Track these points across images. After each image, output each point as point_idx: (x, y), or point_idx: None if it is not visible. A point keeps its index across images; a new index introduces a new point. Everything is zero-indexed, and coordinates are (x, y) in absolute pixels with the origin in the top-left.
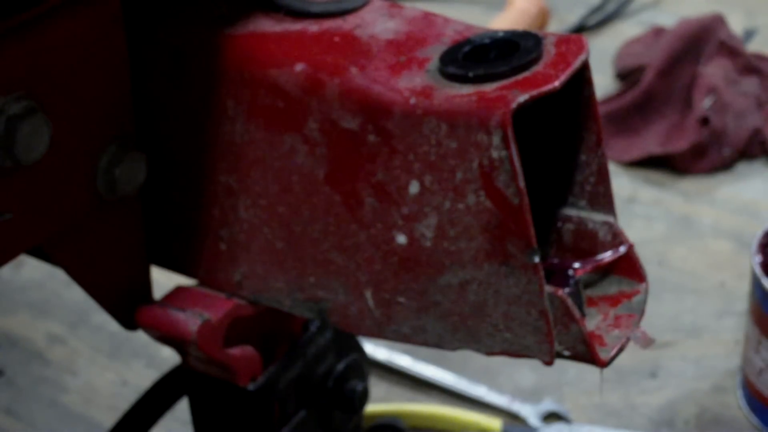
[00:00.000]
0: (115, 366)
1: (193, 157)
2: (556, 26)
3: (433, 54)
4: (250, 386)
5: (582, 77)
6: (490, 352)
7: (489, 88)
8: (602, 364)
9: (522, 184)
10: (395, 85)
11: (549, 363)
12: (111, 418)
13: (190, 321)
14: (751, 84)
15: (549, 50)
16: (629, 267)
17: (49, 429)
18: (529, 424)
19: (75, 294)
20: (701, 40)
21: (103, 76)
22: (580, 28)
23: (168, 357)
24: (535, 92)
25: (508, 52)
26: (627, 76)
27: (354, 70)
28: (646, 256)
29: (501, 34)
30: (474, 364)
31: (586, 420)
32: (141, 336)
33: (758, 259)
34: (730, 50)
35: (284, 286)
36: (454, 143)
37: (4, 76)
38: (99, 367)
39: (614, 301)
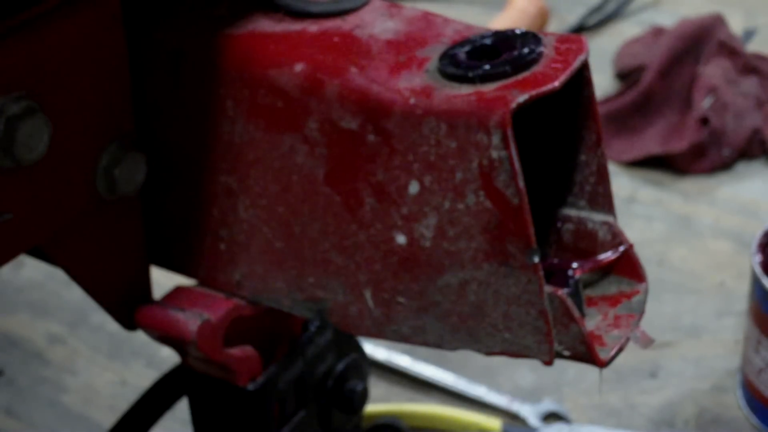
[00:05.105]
0: (114, 366)
1: (192, 157)
2: (556, 26)
3: (433, 54)
4: (250, 386)
5: (582, 77)
6: (489, 352)
7: (488, 88)
8: (602, 364)
9: (521, 184)
10: (395, 85)
11: (549, 363)
12: (111, 418)
13: (190, 321)
14: (750, 84)
15: (549, 50)
16: (629, 267)
17: (49, 429)
18: (529, 424)
19: (75, 294)
20: (701, 40)
21: (103, 76)
22: (580, 28)
23: (167, 357)
24: (534, 92)
25: (507, 52)
26: (627, 76)
27: (353, 70)
28: (645, 256)
29: (501, 34)
30: (474, 364)
31: (585, 420)
32: (140, 336)
33: (758, 258)
34: (730, 50)
35: (284, 286)
36: (453, 143)
37: (3, 76)
38: (98, 367)
39: (614, 301)
